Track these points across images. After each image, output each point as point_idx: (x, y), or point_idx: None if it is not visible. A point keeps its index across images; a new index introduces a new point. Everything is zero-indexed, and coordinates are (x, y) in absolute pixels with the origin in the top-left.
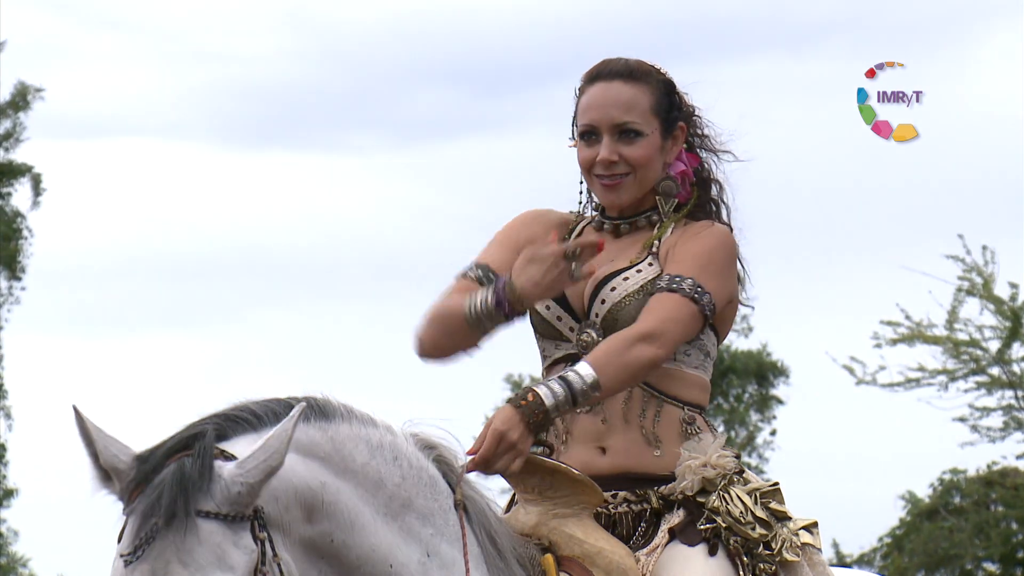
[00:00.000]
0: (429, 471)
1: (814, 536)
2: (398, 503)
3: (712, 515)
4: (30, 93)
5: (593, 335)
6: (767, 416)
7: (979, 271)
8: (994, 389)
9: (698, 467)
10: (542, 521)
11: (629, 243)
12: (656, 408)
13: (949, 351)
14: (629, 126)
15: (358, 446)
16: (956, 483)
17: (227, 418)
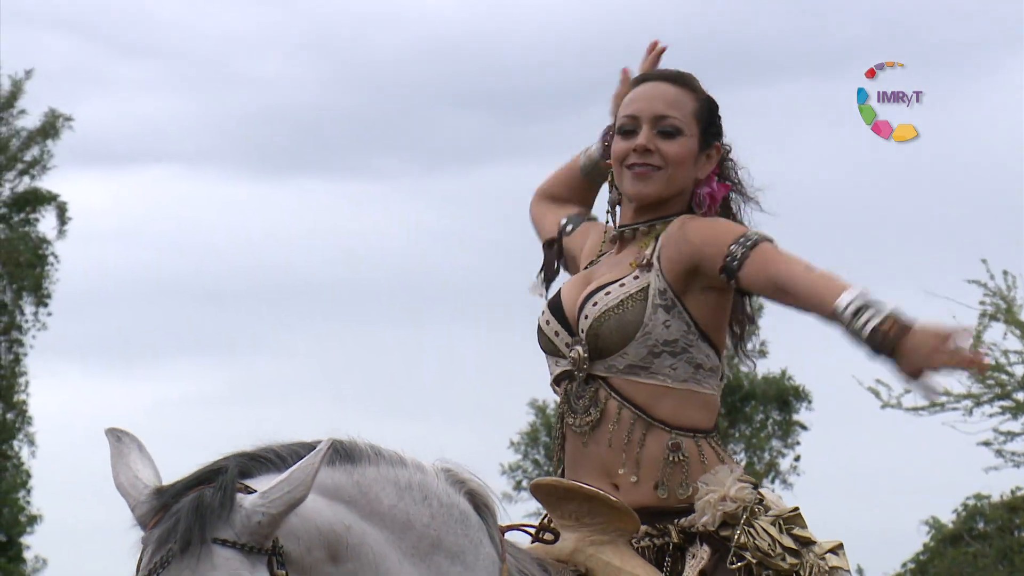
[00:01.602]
0: (460, 506)
1: (840, 558)
2: (427, 543)
3: (740, 551)
4: (59, 121)
5: (580, 351)
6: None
7: (1002, 296)
8: (1019, 414)
9: (717, 501)
10: (579, 548)
11: (627, 255)
12: (642, 432)
13: (974, 375)
14: (670, 122)
15: (385, 488)
16: (980, 508)
17: (251, 457)
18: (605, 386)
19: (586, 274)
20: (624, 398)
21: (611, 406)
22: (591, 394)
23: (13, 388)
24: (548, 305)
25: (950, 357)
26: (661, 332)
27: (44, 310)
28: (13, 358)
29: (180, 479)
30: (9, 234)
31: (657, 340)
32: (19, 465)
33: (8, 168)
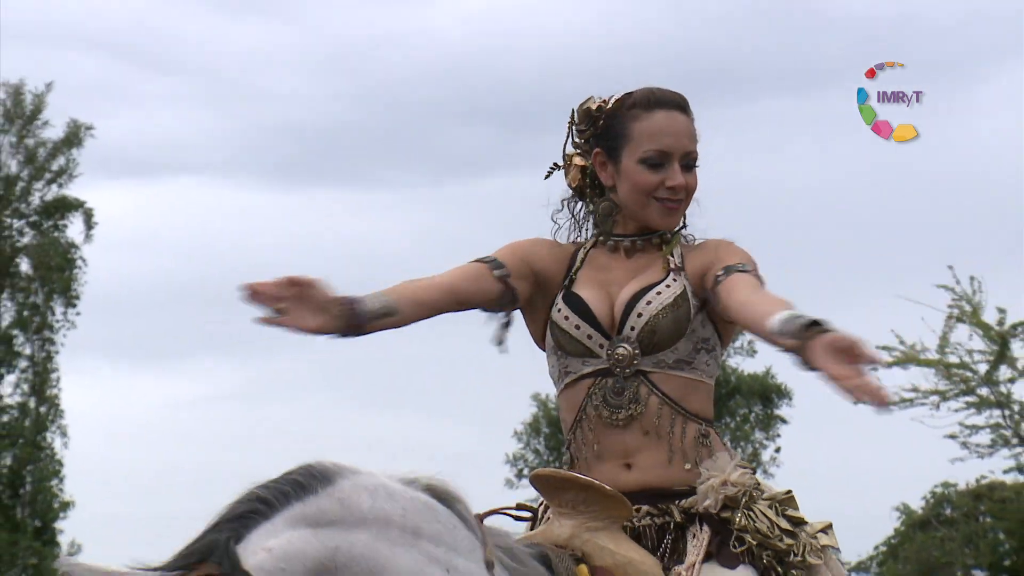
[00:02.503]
0: (422, 499)
1: (830, 536)
2: (409, 533)
3: (742, 534)
4: (82, 131)
5: (628, 348)
6: (771, 435)
7: (968, 299)
8: (983, 408)
9: (719, 485)
10: (576, 533)
11: (644, 262)
12: (682, 425)
13: (940, 373)
14: (693, 156)
15: (360, 494)
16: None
17: (239, 518)
18: (647, 382)
19: (595, 276)
20: (663, 394)
21: (652, 401)
22: (633, 389)
23: (46, 383)
24: (570, 308)
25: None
26: (700, 330)
27: (73, 311)
28: (45, 355)
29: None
30: (40, 240)
31: (699, 337)
32: (52, 455)
33: (37, 178)
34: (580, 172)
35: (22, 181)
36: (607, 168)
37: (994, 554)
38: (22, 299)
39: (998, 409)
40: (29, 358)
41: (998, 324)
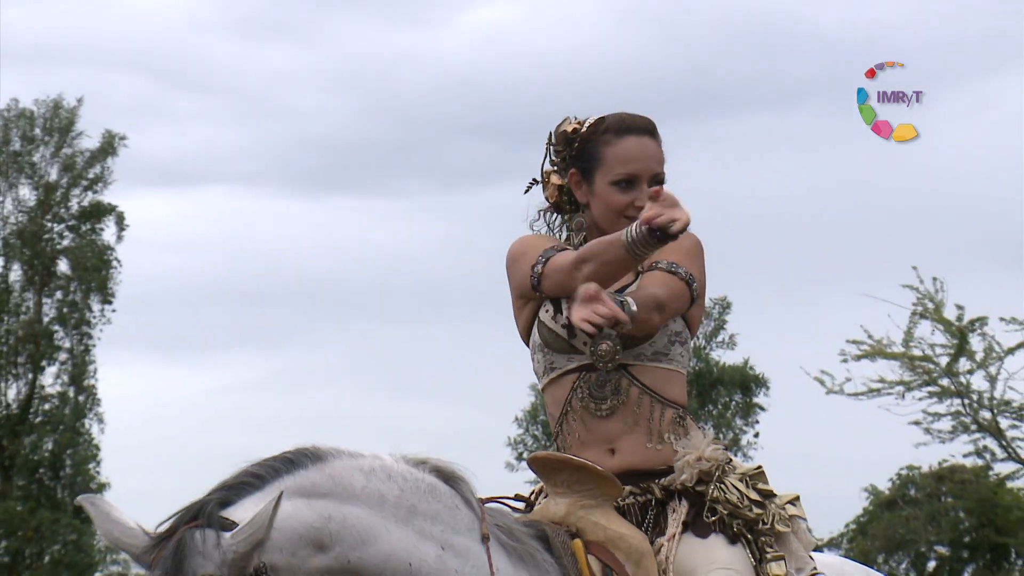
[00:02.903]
0: (426, 480)
1: (797, 507)
2: (404, 511)
3: (714, 505)
4: (115, 140)
5: (609, 344)
6: (750, 421)
7: (930, 298)
8: (944, 398)
9: (694, 461)
10: (571, 511)
11: None
12: (660, 411)
13: (905, 365)
14: (660, 177)
15: (354, 475)
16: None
17: (230, 487)
18: (627, 374)
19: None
20: (643, 385)
21: (633, 392)
22: (615, 382)
23: (84, 374)
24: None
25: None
26: (672, 324)
27: (109, 307)
28: (84, 349)
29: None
30: (78, 242)
31: (672, 331)
32: (90, 440)
33: (75, 185)
34: (557, 189)
35: (61, 188)
36: (582, 187)
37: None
38: (62, 297)
39: (958, 398)
40: (68, 351)
41: (958, 320)
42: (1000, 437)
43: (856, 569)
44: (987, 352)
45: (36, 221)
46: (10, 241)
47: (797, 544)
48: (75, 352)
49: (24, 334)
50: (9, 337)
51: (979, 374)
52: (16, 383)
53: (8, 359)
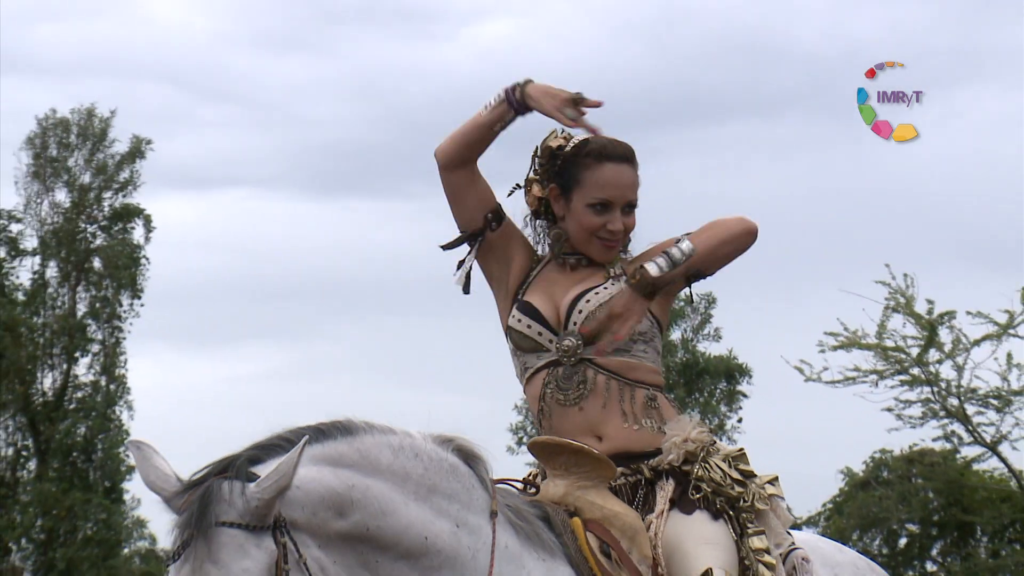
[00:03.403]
0: (449, 460)
1: (776, 487)
2: (424, 489)
3: (699, 483)
4: (143, 144)
5: (572, 340)
6: (734, 408)
7: (902, 292)
8: (914, 386)
9: (680, 442)
10: (568, 492)
11: (586, 274)
12: (630, 392)
13: (878, 356)
14: (633, 203)
15: (382, 451)
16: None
17: (262, 447)
18: (592, 366)
19: (543, 286)
20: (608, 371)
21: (599, 380)
22: (580, 373)
23: (115, 364)
24: (521, 312)
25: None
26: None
27: (138, 302)
28: (115, 341)
29: (201, 469)
30: (109, 241)
31: (635, 331)
32: (120, 426)
33: (106, 188)
34: (537, 200)
35: (94, 191)
36: (560, 202)
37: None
38: (94, 292)
39: (927, 386)
40: (100, 343)
41: (928, 313)
42: (967, 423)
43: (829, 545)
44: (955, 344)
45: (71, 222)
46: (47, 241)
47: (776, 521)
48: (106, 344)
49: (59, 327)
50: (45, 330)
51: (947, 364)
52: (52, 373)
53: (44, 350)
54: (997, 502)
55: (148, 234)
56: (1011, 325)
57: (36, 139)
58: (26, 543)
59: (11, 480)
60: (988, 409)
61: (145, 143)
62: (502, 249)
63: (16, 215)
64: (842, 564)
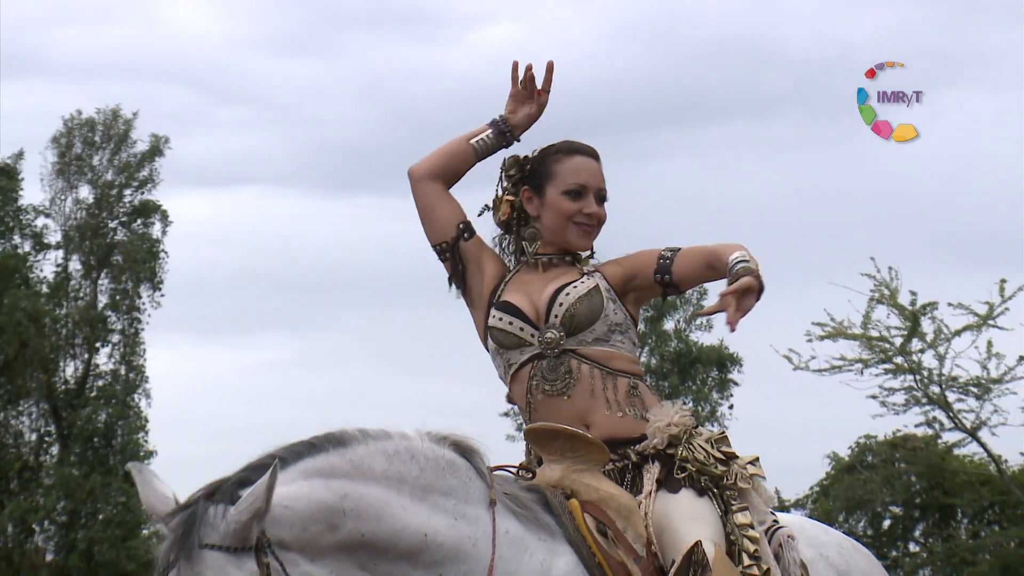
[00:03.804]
0: (446, 457)
1: (757, 467)
2: (421, 489)
3: (683, 464)
4: (161, 142)
5: (554, 333)
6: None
7: (886, 285)
8: (898, 374)
9: (664, 427)
10: (565, 475)
11: (558, 272)
12: (612, 381)
13: (864, 345)
14: (604, 193)
15: (376, 459)
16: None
17: (253, 467)
18: (575, 356)
19: (518, 287)
20: (592, 360)
21: (583, 369)
22: (565, 364)
23: (134, 354)
24: (501, 311)
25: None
26: (613, 316)
27: (158, 294)
28: (134, 331)
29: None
30: (130, 236)
31: (612, 321)
32: (139, 413)
33: (127, 185)
34: (510, 206)
35: (116, 188)
36: (533, 201)
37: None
38: (115, 285)
39: (910, 375)
40: (121, 333)
41: (911, 304)
42: (948, 410)
43: (814, 526)
44: (936, 334)
45: (94, 217)
46: (71, 235)
47: (758, 499)
48: (126, 334)
49: (81, 318)
50: (68, 321)
51: (929, 353)
52: (74, 362)
53: (67, 340)
54: (977, 485)
55: (165, 228)
56: (991, 316)
57: (62, 138)
58: (49, 524)
59: (35, 464)
60: (968, 397)
61: (164, 141)
62: (475, 260)
63: (43, 209)
64: (827, 544)
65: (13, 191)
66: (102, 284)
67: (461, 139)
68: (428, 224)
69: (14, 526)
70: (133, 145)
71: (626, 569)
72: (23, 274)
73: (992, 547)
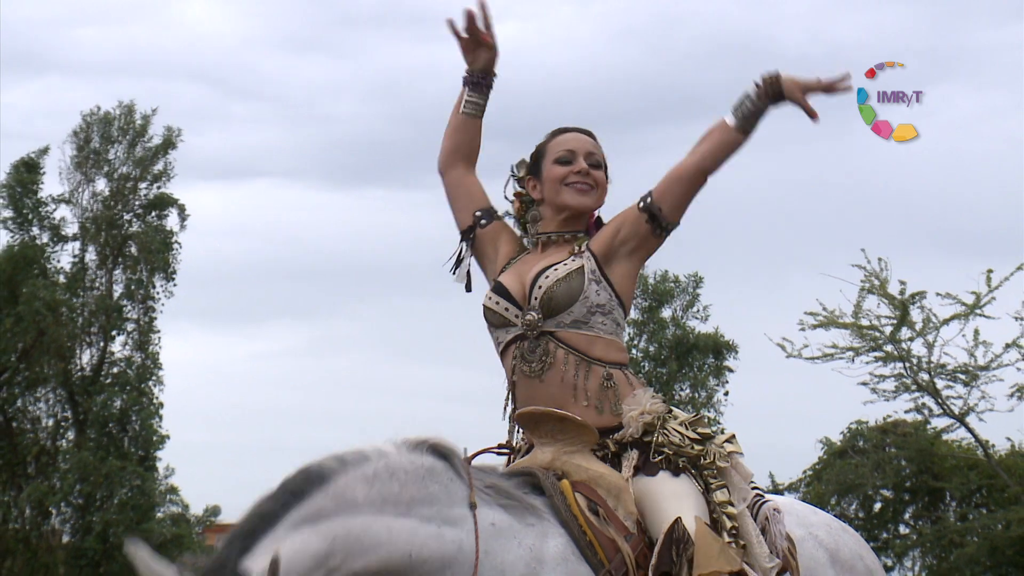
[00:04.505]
0: (425, 464)
1: (734, 444)
2: (404, 505)
3: (660, 448)
4: (174, 135)
5: (534, 315)
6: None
7: (876, 275)
8: (888, 362)
9: (638, 416)
10: (556, 457)
11: (553, 251)
12: (586, 370)
13: (855, 334)
14: (596, 157)
15: (356, 487)
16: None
17: (246, 535)
18: (553, 339)
19: (517, 268)
20: (569, 346)
21: (559, 354)
22: (543, 346)
23: (148, 341)
24: (493, 291)
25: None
26: (594, 298)
27: (171, 284)
28: (148, 320)
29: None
30: (145, 228)
31: (593, 303)
32: (153, 399)
33: (142, 179)
34: (519, 201)
35: (131, 181)
36: (536, 187)
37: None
38: (130, 275)
39: (900, 362)
40: (135, 322)
41: (900, 294)
42: (936, 396)
43: (804, 507)
44: (925, 322)
45: (110, 210)
46: (87, 227)
47: (737, 477)
48: (141, 323)
49: (97, 307)
50: (84, 310)
51: (918, 341)
52: (90, 350)
53: (83, 329)
54: (965, 470)
55: (183, 223)
56: (978, 305)
57: (80, 133)
58: (65, 507)
59: (51, 449)
60: (956, 383)
61: (176, 134)
62: (492, 243)
63: (63, 198)
64: (816, 524)
65: (34, 184)
66: (117, 274)
67: (452, 114)
68: (454, 214)
69: (31, 509)
70: (149, 140)
71: (616, 546)
72: (41, 265)
73: (980, 529)
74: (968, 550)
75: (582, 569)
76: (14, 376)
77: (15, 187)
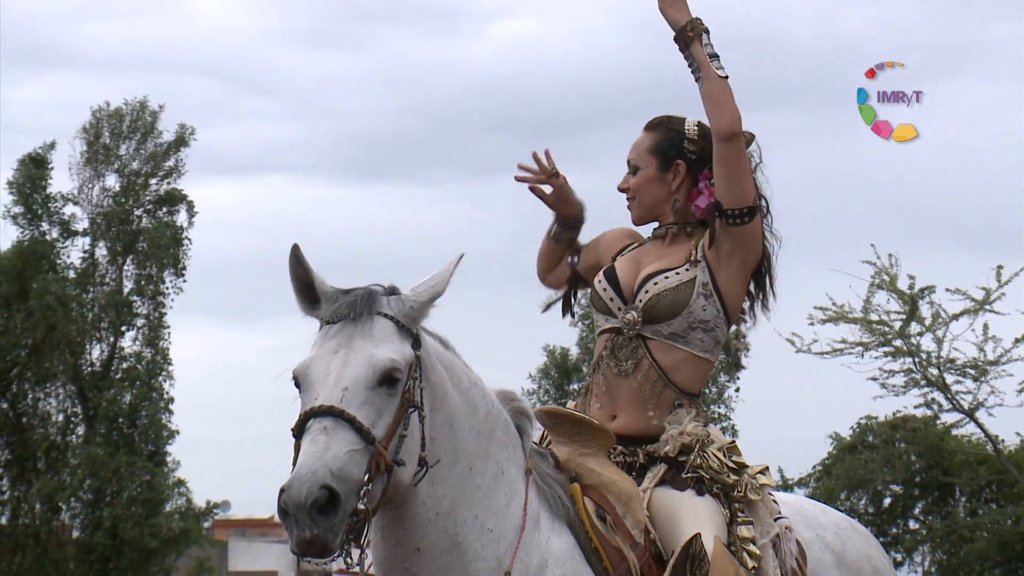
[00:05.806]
0: (504, 416)
1: (767, 477)
2: (486, 429)
3: (695, 468)
4: (187, 132)
5: (634, 315)
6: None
7: (886, 271)
8: (897, 357)
9: (677, 435)
10: (571, 458)
11: (675, 249)
12: (660, 390)
13: (864, 329)
14: (633, 163)
15: (465, 376)
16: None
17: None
18: (644, 346)
19: (635, 256)
20: (656, 361)
21: (644, 364)
22: (632, 349)
23: (159, 337)
24: (604, 275)
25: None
26: (699, 313)
27: (181, 279)
28: (158, 315)
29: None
30: (155, 224)
31: (696, 318)
32: (163, 394)
33: (152, 175)
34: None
35: (141, 177)
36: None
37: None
38: (140, 271)
39: (909, 357)
40: (145, 317)
41: (909, 289)
42: (946, 391)
43: (814, 507)
44: (934, 317)
45: (120, 205)
46: (97, 222)
47: (764, 511)
48: (150, 318)
49: (107, 303)
50: (94, 305)
51: (928, 336)
52: (100, 344)
53: (93, 324)
54: (974, 465)
55: (192, 219)
56: (987, 301)
57: (91, 128)
58: (75, 503)
59: (62, 444)
60: (966, 378)
61: (189, 132)
62: (592, 261)
63: (72, 197)
64: (825, 525)
65: (42, 180)
66: (127, 270)
67: (545, 240)
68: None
69: (41, 504)
70: (159, 136)
71: (622, 555)
72: (51, 260)
73: (989, 524)
74: (978, 545)
75: (584, 571)
76: (24, 371)
77: (23, 183)
